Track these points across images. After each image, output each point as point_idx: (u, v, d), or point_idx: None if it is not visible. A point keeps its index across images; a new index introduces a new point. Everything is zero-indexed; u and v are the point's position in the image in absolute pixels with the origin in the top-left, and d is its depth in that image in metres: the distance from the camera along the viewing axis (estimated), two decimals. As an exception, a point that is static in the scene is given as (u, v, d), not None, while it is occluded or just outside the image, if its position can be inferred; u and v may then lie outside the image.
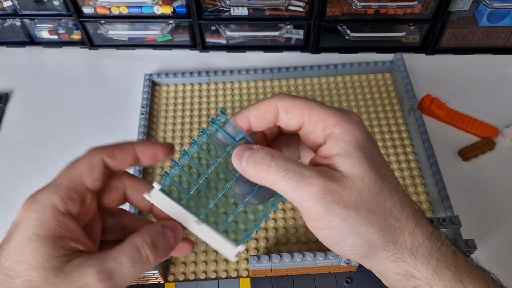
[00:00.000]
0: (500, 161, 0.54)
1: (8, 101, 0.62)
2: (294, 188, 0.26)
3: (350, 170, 0.27)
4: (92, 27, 0.64)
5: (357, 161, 0.27)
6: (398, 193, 0.27)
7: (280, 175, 0.27)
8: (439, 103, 0.57)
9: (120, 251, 0.29)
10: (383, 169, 0.27)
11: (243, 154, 0.28)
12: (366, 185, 0.27)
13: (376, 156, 0.27)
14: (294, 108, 0.28)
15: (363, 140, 0.27)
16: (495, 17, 0.60)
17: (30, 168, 0.55)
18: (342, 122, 0.27)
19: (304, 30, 0.63)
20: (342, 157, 0.27)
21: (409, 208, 0.27)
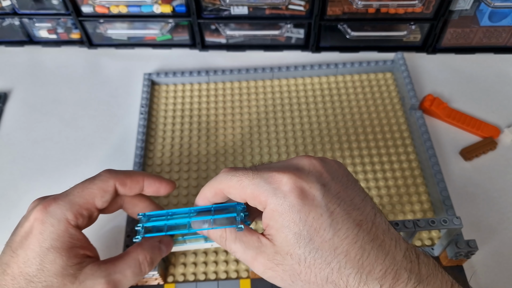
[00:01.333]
0: (502, 161, 0.53)
1: (7, 101, 0.61)
2: (246, 263, 0.31)
3: (280, 246, 0.29)
4: (91, 26, 0.64)
5: (284, 239, 0.28)
6: (337, 256, 0.27)
7: (233, 254, 0.32)
8: (440, 102, 0.57)
9: (125, 265, 0.35)
10: (319, 235, 0.27)
11: (202, 231, 0.34)
12: (296, 260, 0.28)
13: (309, 225, 0.28)
14: (231, 189, 0.31)
15: (291, 214, 0.28)
16: (497, 16, 0.59)
17: (29, 167, 0.55)
18: (270, 198, 0.29)
19: (304, 29, 0.63)
20: (274, 231, 0.29)
21: (349, 269, 0.27)
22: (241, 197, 0.31)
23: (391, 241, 0.28)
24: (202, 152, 0.54)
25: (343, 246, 0.27)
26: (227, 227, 0.32)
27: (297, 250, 0.28)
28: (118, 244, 0.47)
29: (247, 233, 0.31)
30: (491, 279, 0.45)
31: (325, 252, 0.27)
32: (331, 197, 0.28)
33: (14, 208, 0.51)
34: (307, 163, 0.30)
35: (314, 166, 0.30)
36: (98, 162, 0.55)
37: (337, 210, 0.28)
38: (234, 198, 0.32)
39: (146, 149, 0.54)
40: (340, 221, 0.28)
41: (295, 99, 0.59)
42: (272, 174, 0.29)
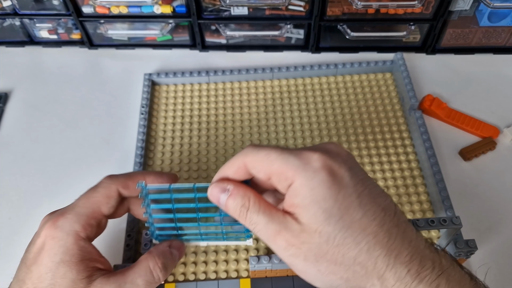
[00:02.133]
0: (501, 161, 0.53)
1: (8, 101, 0.61)
2: (264, 238, 0.29)
3: (308, 224, 0.28)
4: (92, 27, 0.64)
5: (313, 216, 0.27)
6: (366, 236, 0.27)
7: (252, 226, 0.30)
8: (440, 103, 0.57)
9: (135, 274, 0.34)
10: (348, 214, 0.27)
11: (220, 197, 0.31)
12: (324, 238, 0.27)
13: (340, 203, 0.27)
14: (257, 163, 0.30)
15: (321, 190, 0.27)
16: (496, 17, 0.60)
17: (30, 168, 0.55)
18: (300, 173, 0.28)
19: (304, 30, 0.63)
20: (301, 209, 0.28)
21: (378, 251, 0.27)
22: (266, 172, 0.29)
23: (412, 231, 0.28)
24: (203, 152, 0.54)
25: (372, 227, 0.27)
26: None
27: (327, 228, 0.27)
28: (119, 244, 0.47)
29: (271, 207, 0.29)
30: (491, 279, 0.45)
31: (355, 231, 0.27)
32: (358, 180, 0.28)
33: (14, 208, 0.52)
34: (334, 147, 0.30)
35: (341, 151, 0.30)
36: (99, 162, 0.55)
37: (364, 192, 0.28)
38: (257, 173, 0.30)
39: (146, 149, 0.54)
40: (368, 203, 0.28)
41: (295, 100, 0.59)
42: (301, 151, 0.29)
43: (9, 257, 0.48)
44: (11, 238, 0.49)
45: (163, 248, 0.36)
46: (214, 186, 0.31)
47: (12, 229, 0.50)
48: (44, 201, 0.52)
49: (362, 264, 0.27)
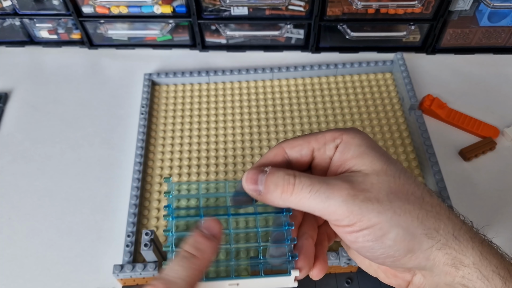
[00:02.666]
0: (501, 161, 0.53)
1: (8, 101, 0.61)
2: (324, 198, 0.25)
3: (371, 167, 0.26)
4: (92, 27, 0.64)
5: (374, 158, 0.27)
6: (421, 183, 0.27)
7: (306, 191, 0.26)
8: (440, 103, 0.57)
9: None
10: (398, 164, 0.27)
11: (258, 178, 0.27)
12: (391, 176, 0.26)
13: (388, 155, 0.28)
14: (297, 141, 0.29)
15: (372, 142, 0.28)
16: (496, 17, 0.60)
17: (30, 168, 0.55)
18: (346, 131, 0.28)
19: (304, 30, 0.63)
20: (357, 158, 0.27)
21: (435, 196, 0.27)
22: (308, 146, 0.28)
23: None
24: (203, 152, 0.54)
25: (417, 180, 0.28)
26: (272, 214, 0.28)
27: (390, 166, 0.27)
28: (119, 244, 0.47)
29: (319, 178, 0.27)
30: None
31: (410, 176, 0.27)
32: None
33: (14, 208, 0.52)
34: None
35: None
36: (99, 162, 0.55)
37: None
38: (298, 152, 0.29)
39: (146, 149, 0.54)
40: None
41: (295, 99, 0.59)
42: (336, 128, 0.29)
43: (9, 257, 0.48)
44: (11, 238, 0.49)
45: (172, 273, 0.26)
46: (250, 169, 0.28)
47: (12, 229, 0.50)
48: (44, 201, 0.52)
49: (430, 204, 0.26)
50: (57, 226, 0.50)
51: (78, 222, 0.50)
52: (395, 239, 0.25)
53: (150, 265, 0.43)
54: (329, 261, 0.43)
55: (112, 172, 0.54)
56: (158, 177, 0.52)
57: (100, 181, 0.53)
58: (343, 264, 0.43)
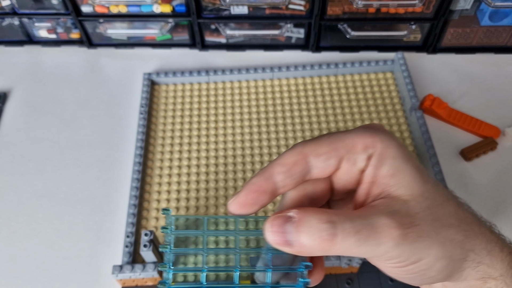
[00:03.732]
0: (502, 161, 0.53)
1: (6, 101, 0.61)
2: (374, 246, 0.22)
3: (410, 190, 0.23)
4: (91, 26, 0.64)
5: (411, 176, 0.23)
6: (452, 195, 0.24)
7: (351, 241, 0.21)
8: (441, 102, 0.57)
9: None
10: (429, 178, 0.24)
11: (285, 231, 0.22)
12: (431, 199, 0.23)
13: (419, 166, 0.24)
14: (323, 146, 0.23)
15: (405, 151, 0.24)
16: (497, 16, 0.59)
17: (29, 168, 0.55)
18: (379, 136, 0.23)
19: (304, 29, 0.63)
20: (394, 177, 0.23)
21: (463, 204, 0.25)
22: (337, 153, 0.24)
23: None
24: (202, 152, 0.54)
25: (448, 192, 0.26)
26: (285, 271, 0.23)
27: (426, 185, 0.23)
28: (118, 244, 0.47)
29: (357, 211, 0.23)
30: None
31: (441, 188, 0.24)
32: None
33: (13, 208, 0.51)
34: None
35: None
36: (98, 162, 0.55)
37: None
38: (326, 162, 0.24)
39: (146, 149, 0.54)
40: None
41: (295, 99, 0.58)
42: (365, 126, 0.25)
43: (8, 258, 0.48)
44: (10, 238, 0.49)
45: None
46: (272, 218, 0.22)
47: (11, 229, 0.50)
48: (43, 201, 0.52)
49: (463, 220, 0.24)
50: (56, 226, 0.50)
51: (77, 222, 0.50)
52: (438, 270, 0.23)
53: (149, 266, 0.43)
54: (329, 262, 0.43)
55: (111, 172, 0.54)
56: (157, 177, 0.52)
57: (99, 181, 0.53)
58: (343, 265, 0.43)
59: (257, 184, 0.23)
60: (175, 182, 0.51)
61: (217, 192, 0.50)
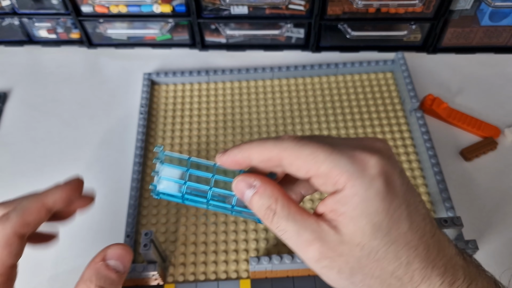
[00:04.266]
0: (502, 161, 0.53)
1: (6, 101, 0.61)
2: (294, 247, 0.26)
3: (351, 237, 0.25)
4: (91, 26, 0.64)
5: (359, 229, 0.25)
6: (408, 250, 0.25)
7: (280, 233, 0.27)
8: (441, 102, 0.57)
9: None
10: (396, 227, 0.25)
11: (245, 193, 0.28)
12: (366, 252, 0.25)
13: (391, 215, 0.25)
14: (299, 161, 0.26)
15: (376, 202, 0.25)
16: (497, 16, 0.59)
17: (29, 168, 0.55)
18: (354, 180, 0.25)
19: (304, 29, 0.63)
20: (347, 219, 0.25)
21: (417, 264, 0.25)
22: (307, 173, 0.26)
23: (444, 237, 0.27)
24: (202, 152, 0.54)
25: (414, 241, 0.25)
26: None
27: (372, 242, 0.25)
28: (118, 244, 0.47)
29: (303, 212, 0.26)
30: (492, 280, 0.45)
31: (399, 245, 0.25)
32: (407, 186, 0.26)
33: (13, 208, 0.51)
34: (383, 146, 0.27)
35: (390, 151, 0.27)
36: (98, 162, 0.55)
37: (411, 200, 0.26)
38: (295, 170, 0.26)
39: (146, 149, 0.54)
40: (414, 212, 0.26)
41: (295, 99, 0.58)
42: (355, 153, 0.25)
43: (8, 258, 0.48)
44: (10, 239, 0.49)
45: (95, 265, 0.30)
46: (240, 179, 0.28)
47: (11, 230, 0.50)
48: (43, 201, 0.52)
49: (398, 278, 0.25)
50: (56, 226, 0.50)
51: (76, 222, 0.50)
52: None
53: (149, 266, 0.43)
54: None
55: (111, 172, 0.54)
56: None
57: (99, 181, 0.53)
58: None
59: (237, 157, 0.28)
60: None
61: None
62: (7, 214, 0.31)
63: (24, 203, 0.32)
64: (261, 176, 0.28)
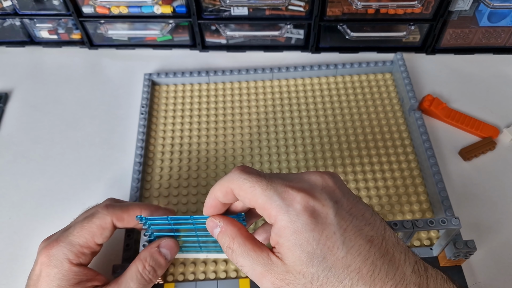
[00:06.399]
0: (501, 161, 0.53)
1: (8, 101, 0.62)
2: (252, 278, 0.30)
3: (292, 266, 0.28)
4: (92, 27, 0.64)
5: (296, 258, 0.28)
6: (350, 273, 0.27)
7: (239, 267, 0.31)
8: (440, 103, 0.57)
9: (127, 279, 0.37)
10: (332, 253, 0.27)
11: (213, 232, 0.33)
12: (308, 279, 0.28)
13: (323, 243, 0.27)
14: (242, 192, 0.30)
15: (304, 233, 0.28)
16: (496, 17, 0.60)
17: (30, 168, 0.55)
18: (282, 214, 0.28)
19: (304, 30, 0.63)
20: (285, 249, 0.28)
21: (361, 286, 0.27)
22: (251, 204, 0.30)
23: (400, 254, 0.28)
24: (202, 152, 0.54)
25: (355, 264, 0.27)
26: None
27: (310, 269, 0.27)
28: (119, 244, 0.48)
29: (256, 248, 0.30)
30: (490, 279, 0.45)
31: (338, 270, 0.27)
32: (344, 214, 0.28)
33: (14, 208, 0.52)
34: (320, 180, 0.30)
35: (327, 183, 0.30)
36: (99, 162, 0.55)
37: (350, 227, 0.28)
38: (243, 201, 0.31)
39: (146, 149, 0.54)
40: (353, 238, 0.28)
41: (295, 100, 0.59)
42: (286, 190, 0.29)
43: (10, 257, 0.48)
44: (12, 238, 0.49)
45: (151, 249, 0.38)
46: (209, 220, 0.33)
47: (13, 229, 0.50)
48: (44, 201, 0.52)
49: None
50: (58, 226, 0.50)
51: (78, 222, 0.50)
52: None
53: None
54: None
55: (112, 172, 0.54)
56: (158, 176, 0.52)
57: (100, 181, 0.53)
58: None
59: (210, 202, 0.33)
60: (175, 182, 0.52)
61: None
62: (113, 207, 0.39)
63: (128, 204, 0.40)
64: (226, 217, 0.33)
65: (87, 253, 0.38)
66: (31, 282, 0.37)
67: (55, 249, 0.37)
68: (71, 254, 0.37)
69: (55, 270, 0.36)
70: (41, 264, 0.37)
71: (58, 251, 0.37)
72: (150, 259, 0.38)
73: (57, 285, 0.36)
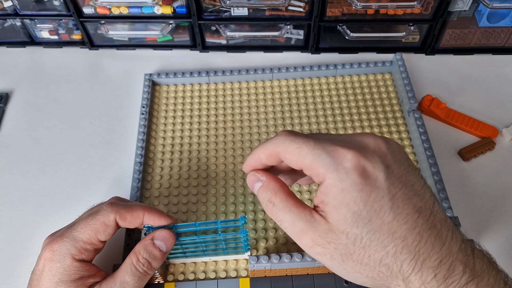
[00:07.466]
0: (500, 161, 0.54)
1: (8, 101, 0.62)
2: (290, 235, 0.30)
3: (336, 224, 0.28)
4: (92, 27, 0.64)
5: (341, 217, 0.27)
6: (394, 240, 0.27)
7: (278, 223, 0.30)
8: (439, 103, 0.57)
9: (123, 273, 0.37)
10: (378, 217, 0.27)
11: (254, 185, 0.32)
12: (351, 240, 0.27)
13: (370, 206, 0.27)
14: (288, 154, 0.30)
15: (352, 193, 0.27)
16: (495, 17, 0.60)
17: (30, 168, 0.55)
18: (331, 172, 0.27)
19: (304, 30, 0.63)
20: (330, 208, 0.28)
21: (405, 255, 0.27)
22: (297, 165, 0.29)
23: (447, 231, 0.28)
24: (203, 152, 0.54)
25: (401, 231, 0.26)
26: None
27: (354, 230, 0.27)
28: (119, 243, 0.48)
29: (298, 204, 0.30)
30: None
31: (383, 234, 0.27)
32: (394, 180, 0.28)
33: (15, 208, 0.52)
34: (373, 142, 0.29)
35: (379, 147, 0.29)
36: (99, 162, 0.55)
37: (399, 194, 0.27)
38: (289, 163, 0.30)
39: (147, 149, 0.54)
40: (401, 205, 0.27)
41: (295, 100, 0.59)
42: (335, 148, 0.28)
43: (10, 257, 0.48)
44: (12, 238, 0.49)
45: (144, 242, 0.38)
46: (251, 174, 0.32)
47: (13, 229, 0.50)
48: (45, 201, 0.52)
49: (387, 266, 0.27)
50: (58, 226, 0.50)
51: (78, 221, 0.51)
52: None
53: (150, 265, 0.43)
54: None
55: (112, 172, 0.54)
56: (158, 176, 0.52)
57: (100, 181, 0.53)
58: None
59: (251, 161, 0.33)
60: (176, 182, 0.52)
61: (217, 192, 0.51)
62: (117, 205, 0.39)
63: (133, 205, 0.40)
64: (268, 173, 0.32)
65: (90, 250, 0.38)
66: (34, 277, 0.38)
67: (58, 244, 0.37)
68: (74, 250, 0.37)
69: (58, 265, 0.37)
70: (44, 259, 0.37)
71: (62, 246, 0.37)
72: (143, 251, 0.38)
73: (58, 279, 0.36)
